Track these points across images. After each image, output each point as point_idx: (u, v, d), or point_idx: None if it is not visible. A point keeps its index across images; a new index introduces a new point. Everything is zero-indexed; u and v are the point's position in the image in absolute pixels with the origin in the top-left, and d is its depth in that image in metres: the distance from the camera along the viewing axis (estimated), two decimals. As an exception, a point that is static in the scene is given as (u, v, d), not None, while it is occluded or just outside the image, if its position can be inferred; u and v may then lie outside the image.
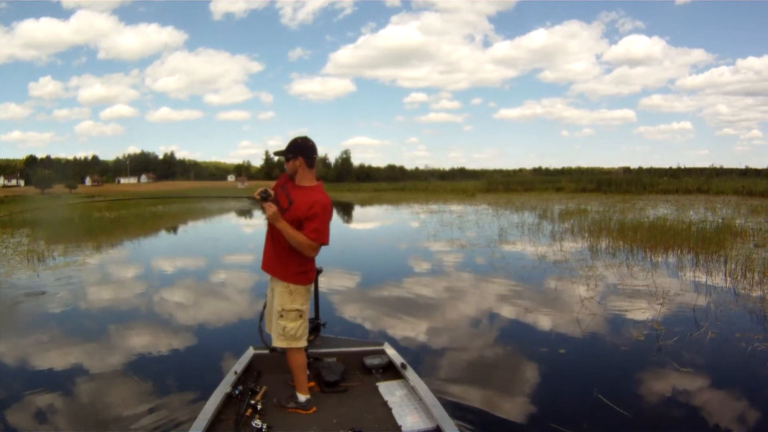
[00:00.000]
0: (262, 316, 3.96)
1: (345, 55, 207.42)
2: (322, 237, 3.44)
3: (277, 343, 3.60)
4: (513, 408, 4.40)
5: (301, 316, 3.57)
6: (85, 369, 5.46)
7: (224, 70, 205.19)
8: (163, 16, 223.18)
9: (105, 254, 14.25)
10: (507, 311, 7.58)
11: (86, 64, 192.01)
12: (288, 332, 3.53)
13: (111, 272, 11.57)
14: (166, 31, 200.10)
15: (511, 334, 6.57)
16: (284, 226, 3.41)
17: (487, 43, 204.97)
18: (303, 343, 3.63)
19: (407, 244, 15.24)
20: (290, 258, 3.53)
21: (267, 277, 3.71)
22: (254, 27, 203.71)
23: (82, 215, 24.87)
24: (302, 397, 3.61)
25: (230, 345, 5.73)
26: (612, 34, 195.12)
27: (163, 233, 21.22)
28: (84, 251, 14.33)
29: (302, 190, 3.55)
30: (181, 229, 23.33)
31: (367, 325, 7.00)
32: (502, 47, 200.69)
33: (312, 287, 3.81)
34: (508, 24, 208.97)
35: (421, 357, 5.54)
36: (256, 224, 26.80)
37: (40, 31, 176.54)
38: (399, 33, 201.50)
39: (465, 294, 8.73)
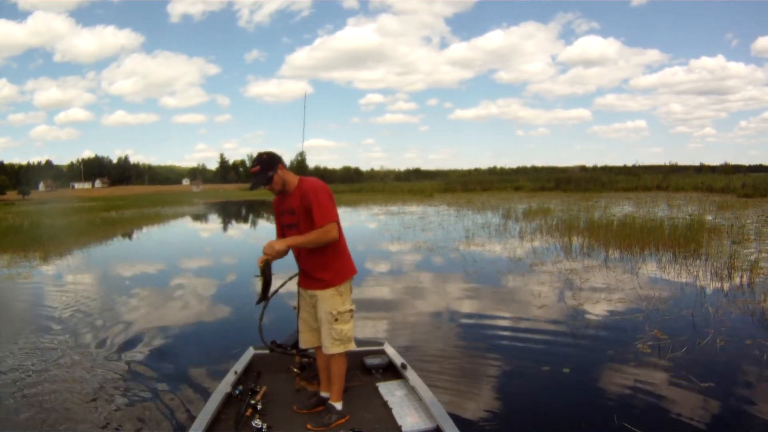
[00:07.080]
0: (262, 317, 3.89)
1: (301, 57, 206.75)
2: (325, 217, 3.28)
3: (334, 349, 3.41)
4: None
5: (352, 316, 3.50)
6: (84, 368, 5.35)
7: (181, 73, 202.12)
8: (120, 18, 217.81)
9: (98, 255, 13.95)
10: (495, 322, 6.91)
11: (42, 66, 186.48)
12: (345, 335, 3.42)
13: (106, 273, 11.75)
14: (124, 33, 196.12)
15: (504, 349, 5.79)
16: (298, 242, 3.32)
17: (443, 45, 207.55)
18: (353, 345, 3.53)
19: (368, 246, 14.52)
20: (325, 263, 3.41)
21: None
22: (211, 29, 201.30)
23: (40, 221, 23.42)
24: (339, 405, 3.48)
25: (230, 345, 5.60)
26: (568, 35, 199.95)
27: (154, 236, 21.09)
28: (81, 252, 13.67)
29: (293, 193, 3.44)
30: (171, 232, 22.90)
31: (364, 327, 6.62)
32: (459, 48, 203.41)
33: (352, 281, 3.59)
34: (465, 25, 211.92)
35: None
36: (213, 228, 25.73)
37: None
38: (356, 35, 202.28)
39: (438, 300, 7.99)
